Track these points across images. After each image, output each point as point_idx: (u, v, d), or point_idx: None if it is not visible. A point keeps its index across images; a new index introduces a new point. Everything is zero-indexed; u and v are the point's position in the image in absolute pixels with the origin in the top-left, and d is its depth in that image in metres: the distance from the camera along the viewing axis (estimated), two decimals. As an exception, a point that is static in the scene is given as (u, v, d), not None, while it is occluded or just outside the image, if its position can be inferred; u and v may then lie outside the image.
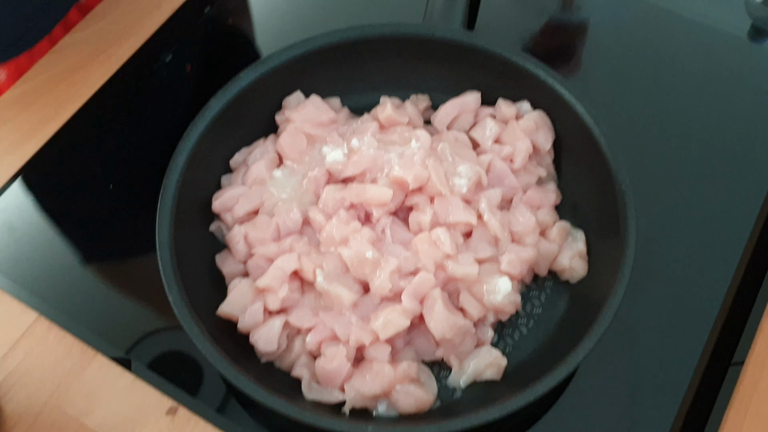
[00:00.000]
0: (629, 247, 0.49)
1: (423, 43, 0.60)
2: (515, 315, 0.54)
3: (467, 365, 0.51)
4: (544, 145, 0.58)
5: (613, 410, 0.52)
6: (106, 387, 0.54)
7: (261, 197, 0.56)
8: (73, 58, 0.68)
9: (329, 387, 0.50)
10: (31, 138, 0.64)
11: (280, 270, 0.52)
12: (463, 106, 0.60)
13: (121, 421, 0.53)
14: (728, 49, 0.69)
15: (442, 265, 0.51)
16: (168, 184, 0.53)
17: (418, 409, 0.50)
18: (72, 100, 0.66)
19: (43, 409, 0.53)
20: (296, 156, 0.57)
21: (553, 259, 0.55)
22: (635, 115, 0.65)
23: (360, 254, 0.51)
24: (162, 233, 0.51)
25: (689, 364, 0.54)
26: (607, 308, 0.48)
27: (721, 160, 0.63)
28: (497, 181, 0.56)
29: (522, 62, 0.58)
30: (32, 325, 0.56)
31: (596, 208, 0.55)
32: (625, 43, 0.69)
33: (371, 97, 0.62)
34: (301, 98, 0.61)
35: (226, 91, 0.57)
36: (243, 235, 0.54)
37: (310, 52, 0.59)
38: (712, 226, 0.60)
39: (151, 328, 0.56)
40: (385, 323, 0.49)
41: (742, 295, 0.57)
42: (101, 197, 0.62)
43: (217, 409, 0.53)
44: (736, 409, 0.53)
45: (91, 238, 0.61)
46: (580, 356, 0.47)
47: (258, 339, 0.51)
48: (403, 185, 0.53)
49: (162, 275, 0.50)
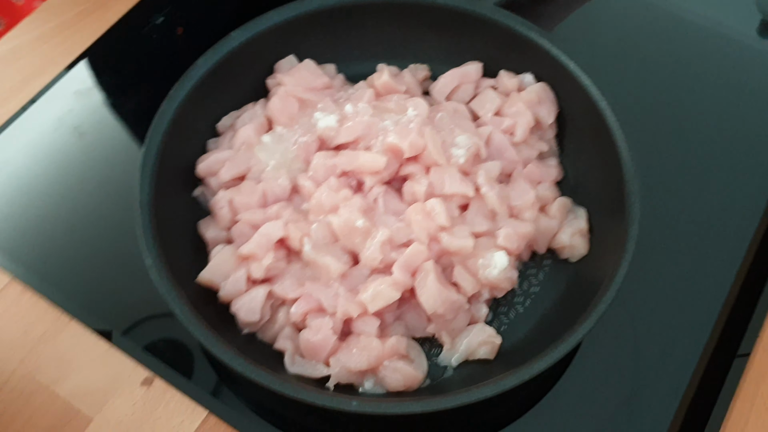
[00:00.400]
0: (633, 225, 0.48)
1: (424, 10, 0.58)
2: (511, 293, 0.52)
3: (459, 343, 0.49)
4: (546, 119, 0.56)
5: (613, 397, 0.51)
6: (79, 355, 0.52)
7: (248, 162, 0.54)
8: (61, 17, 0.66)
9: (313, 361, 0.48)
10: (14, 97, 0.62)
11: (265, 237, 0.49)
12: (464, 76, 0.58)
13: (94, 390, 0.51)
14: (735, 47, 0.68)
15: (436, 237, 0.49)
16: (149, 145, 0.51)
17: (406, 387, 0.48)
18: (58, 59, 0.64)
19: (12, 377, 0.51)
20: (287, 121, 0.55)
21: (553, 236, 0.53)
22: (641, 105, 0.63)
23: (350, 223, 0.49)
24: (142, 195, 0.49)
25: (694, 352, 0.52)
26: (608, 287, 0.46)
27: (729, 147, 0.61)
28: (497, 154, 0.54)
29: (526, 32, 0.56)
30: (4, 289, 0.54)
31: (599, 185, 0.53)
32: (630, 40, 0.67)
33: (368, 65, 0.60)
34: (295, 62, 0.58)
35: (215, 51, 0.55)
36: (228, 201, 0.52)
37: (305, 13, 0.57)
38: (721, 213, 0.58)
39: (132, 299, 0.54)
40: (374, 295, 0.47)
41: (749, 285, 0.56)
42: (85, 161, 0.60)
43: (195, 382, 0.50)
44: (743, 399, 0.51)
45: (73, 203, 0.58)
46: (579, 336, 0.45)
47: (240, 308, 0.49)
48: (398, 153, 0.51)
49: (139, 238, 0.48)
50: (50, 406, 0.50)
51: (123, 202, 0.53)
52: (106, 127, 0.61)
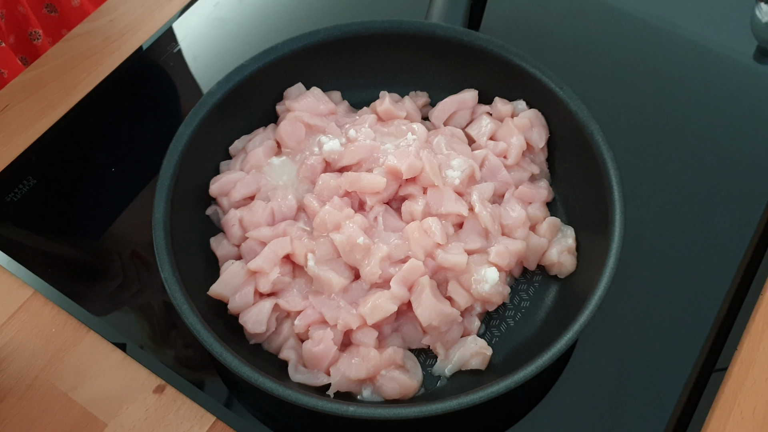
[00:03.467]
0: (615, 241, 0.50)
1: (424, 40, 0.61)
2: (503, 307, 0.55)
3: (453, 354, 0.52)
4: (537, 143, 0.58)
5: (600, 409, 0.52)
6: (96, 363, 0.55)
7: (258, 183, 0.57)
8: (83, 47, 0.70)
9: (315, 370, 0.51)
10: (38, 121, 0.66)
11: (272, 253, 0.52)
12: (461, 103, 0.61)
13: (109, 397, 0.53)
14: (728, 69, 0.69)
15: (432, 253, 0.52)
16: (166, 166, 0.54)
17: (402, 395, 0.50)
18: (80, 86, 0.68)
19: (34, 383, 0.54)
20: (294, 144, 0.58)
21: (543, 254, 0.55)
22: (631, 127, 0.65)
23: (351, 240, 0.52)
24: (158, 212, 0.52)
25: (681, 368, 0.54)
26: (591, 301, 0.48)
27: (719, 170, 0.63)
28: (490, 176, 0.57)
29: (519, 61, 0.59)
30: (27, 301, 0.57)
31: (587, 206, 0.56)
32: (623, 59, 0.70)
33: (371, 92, 0.63)
34: (303, 90, 0.62)
35: (229, 79, 0.58)
36: (238, 219, 0.55)
37: (312, 44, 0.60)
38: (709, 232, 0.60)
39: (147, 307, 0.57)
40: (372, 308, 0.50)
41: (737, 302, 0.57)
42: (103, 181, 0.63)
43: (204, 390, 0.53)
44: (720, 409, 0.53)
45: (93, 221, 0.61)
46: (560, 349, 0.47)
47: (247, 320, 0.52)
48: (397, 174, 0.54)
49: (156, 252, 0.51)
50: (68, 412, 0.53)
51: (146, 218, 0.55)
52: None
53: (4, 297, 0.57)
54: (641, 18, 0.72)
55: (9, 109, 0.66)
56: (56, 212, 0.61)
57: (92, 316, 0.56)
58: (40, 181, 0.62)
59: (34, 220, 0.61)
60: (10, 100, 0.67)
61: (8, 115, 0.66)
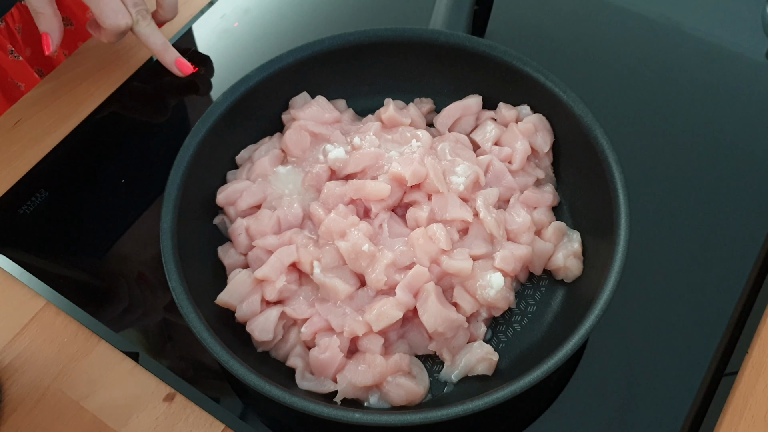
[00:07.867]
0: (621, 244, 0.50)
1: (428, 47, 0.61)
2: (509, 312, 0.55)
3: (459, 360, 0.51)
4: (542, 147, 0.58)
5: (609, 414, 0.52)
6: (107, 372, 0.55)
7: (264, 192, 0.57)
8: (94, 60, 0.71)
9: (322, 377, 0.51)
10: (50, 134, 0.67)
11: (278, 261, 0.53)
12: (465, 108, 0.61)
13: (120, 405, 0.54)
14: (737, 66, 0.69)
15: (437, 259, 0.52)
16: (173, 176, 0.55)
17: (408, 402, 0.50)
18: (90, 99, 0.69)
19: (46, 392, 0.55)
20: (300, 153, 0.59)
21: (548, 258, 0.55)
22: (638, 130, 0.65)
23: (357, 247, 0.52)
24: (165, 221, 0.53)
25: (692, 373, 0.53)
26: (597, 305, 0.48)
27: (726, 174, 0.63)
28: (495, 181, 0.57)
29: (522, 66, 0.59)
30: (41, 311, 0.58)
31: (593, 210, 0.56)
32: (629, 61, 0.69)
33: (376, 100, 0.63)
34: (308, 99, 0.62)
35: (234, 89, 0.59)
36: (245, 228, 0.56)
37: (316, 54, 0.61)
38: (720, 235, 0.59)
39: (157, 319, 0.57)
40: (378, 315, 0.50)
41: (748, 306, 0.57)
42: (114, 192, 0.64)
43: (213, 398, 0.53)
44: (731, 414, 0.52)
45: (104, 232, 0.62)
46: (568, 352, 0.46)
47: (254, 328, 0.52)
48: (402, 181, 0.54)
49: (163, 261, 0.51)
50: (79, 421, 0.53)
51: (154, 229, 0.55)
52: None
53: (17, 308, 0.58)
54: (648, 18, 0.72)
55: (22, 123, 0.68)
56: (68, 224, 0.62)
57: (103, 326, 0.57)
58: (52, 194, 0.63)
59: (46, 232, 0.62)
60: (23, 114, 0.68)
61: (21, 129, 0.67)
